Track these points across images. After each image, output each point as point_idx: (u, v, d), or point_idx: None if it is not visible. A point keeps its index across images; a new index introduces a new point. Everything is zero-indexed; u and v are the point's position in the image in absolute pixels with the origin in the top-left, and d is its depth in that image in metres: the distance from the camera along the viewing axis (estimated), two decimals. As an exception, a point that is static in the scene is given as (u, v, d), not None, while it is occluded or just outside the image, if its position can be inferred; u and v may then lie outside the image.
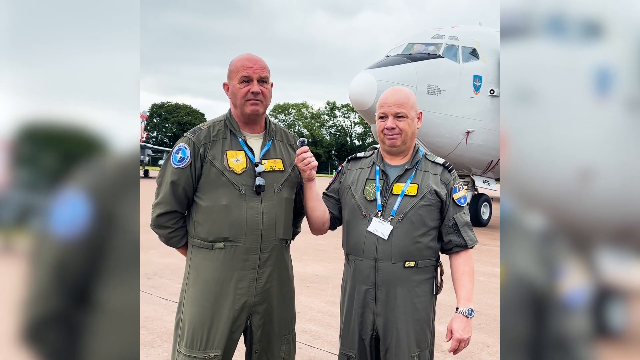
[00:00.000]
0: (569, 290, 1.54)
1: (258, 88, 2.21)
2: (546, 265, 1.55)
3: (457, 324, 2.19)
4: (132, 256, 1.35)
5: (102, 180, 1.34)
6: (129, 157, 1.40)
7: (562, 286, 1.54)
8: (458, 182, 2.35)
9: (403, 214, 2.22)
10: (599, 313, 1.61)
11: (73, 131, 1.34)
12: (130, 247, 1.35)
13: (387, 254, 2.21)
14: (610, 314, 1.63)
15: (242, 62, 2.22)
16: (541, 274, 1.55)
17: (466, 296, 2.23)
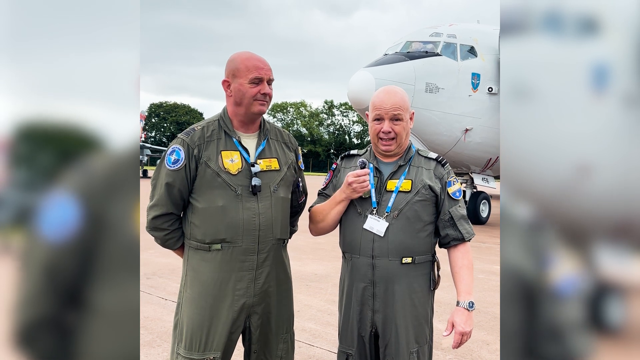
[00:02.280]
0: (560, 280, 1.55)
1: (268, 89, 2.23)
2: (535, 255, 1.57)
3: (458, 317, 2.19)
4: (130, 257, 1.33)
5: (92, 181, 1.32)
6: (122, 157, 1.38)
7: (553, 275, 1.55)
8: (452, 176, 2.34)
9: (398, 210, 2.22)
10: (597, 309, 1.62)
11: (72, 130, 1.33)
12: (126, 248, 1.33)
13: (384, 250, 2.21)
14: (609, 309, 1.63)
15: (253, 63, 2.21)
16: (531, 265, 1.56)
17: (466, 289, 2.23)
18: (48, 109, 1.31)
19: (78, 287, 1.32)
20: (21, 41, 1.30)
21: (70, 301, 1.32)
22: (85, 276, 1.32)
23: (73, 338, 1.32)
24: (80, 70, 1.33)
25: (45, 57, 1.30)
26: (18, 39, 1.30)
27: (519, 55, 1.63)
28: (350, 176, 2.23)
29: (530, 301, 1.55)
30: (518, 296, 1.55)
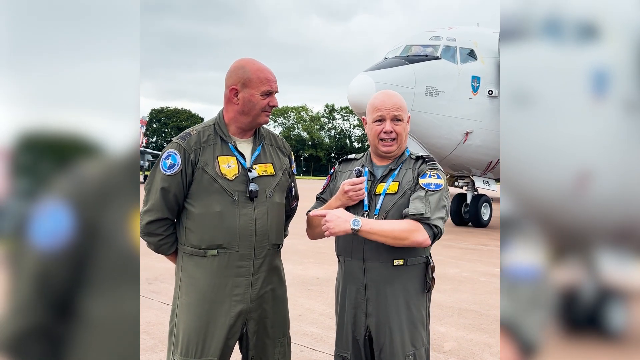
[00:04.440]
0: (518, 264, 1.56)
1: (277, 102, 2.27)
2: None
3: (339, 211, 2.12)
4: (129, 265, 1.31)
5: (84, 188, 1.29)
6: (117, 162, 1.35)
7: (514, 261, 1.56)
8: (432, 171, 2.23)
9: (385, 212, 2.21)
10: (600, 314, 1.62)
11: (73, 139, 1.32)
12: (124, 256, 1.30)
13: (375, 253, 2.20)
14: (611, 314, 1.63)
15: (266, 75, 2.23)
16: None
17: (369, 220, 2.12)
18: (49, 119, 1.30)
19: (70, 296, 1.29)
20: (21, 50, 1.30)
21: (62, 311, 1.29)
22: (78, 285, 1.28)
23: (65, 348, 1.29)
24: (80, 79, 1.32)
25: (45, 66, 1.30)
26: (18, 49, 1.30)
27: (519, 61, 1.63)
28: (347, 184, 2.22)
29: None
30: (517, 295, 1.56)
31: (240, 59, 2.30)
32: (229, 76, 2.26)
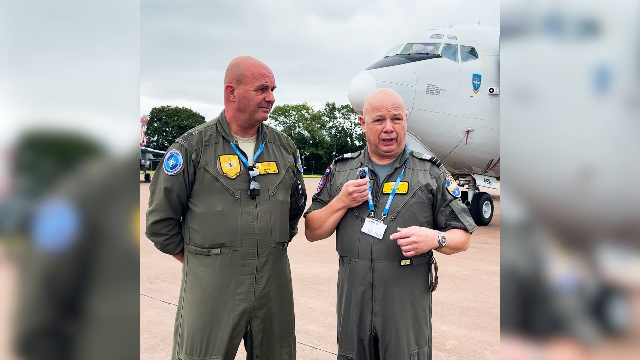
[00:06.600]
0: (558, 277, 1.56)
1: (273, 97, 2.25)
2: (529, 255, 1.58)
3: (424, 231, 2.15)
4: (130, 264, 1.32)
5: (88, 188, 1.31)
6: (119, 163, 1.36)
7: (551, 274, 1.56)
8: (448, 175, 2.35)
9: (395, 212, 2.22)
10: (602, 310, 1.62)
11: (73, 138, 1.33)
12: (125, 255, 1.31)
13: (383, 253, 2.21)
14: (613, 311, 1.63)
15: (259, 70, 2.21)
16: (526, 264, 1.57)
17: (447, 234, 2.22)
18: (51, 117, 1.31)
19: (76, 295, 1.31)
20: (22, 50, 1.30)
21: (68, 310, 1.31)
22: (83, 284, 1.30)
23: (72, 347, 1.31)
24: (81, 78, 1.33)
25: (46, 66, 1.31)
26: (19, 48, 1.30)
27: (520, 58, 1.63)
28: (351, 186, 2.21)
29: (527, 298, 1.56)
30: (515, 294, 1.56)
31: (237, 57, 2.30)
32: (225, 75, 2.27)
